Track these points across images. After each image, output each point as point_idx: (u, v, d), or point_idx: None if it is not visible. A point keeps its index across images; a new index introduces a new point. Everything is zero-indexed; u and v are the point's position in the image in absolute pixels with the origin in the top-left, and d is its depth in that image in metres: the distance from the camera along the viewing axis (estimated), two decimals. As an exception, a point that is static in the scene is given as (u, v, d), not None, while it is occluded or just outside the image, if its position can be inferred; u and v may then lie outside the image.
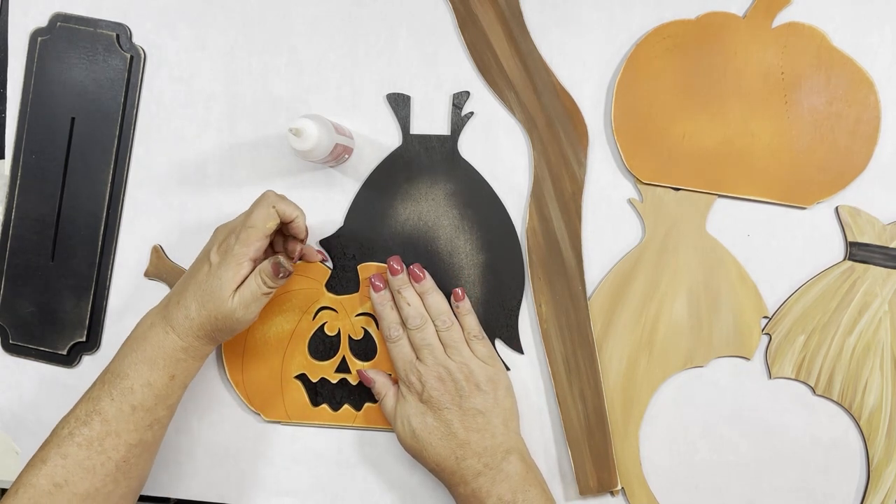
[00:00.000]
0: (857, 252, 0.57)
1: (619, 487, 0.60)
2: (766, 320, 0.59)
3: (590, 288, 0.60)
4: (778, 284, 0.58)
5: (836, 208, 0.57)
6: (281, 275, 0.55)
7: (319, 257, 0.62)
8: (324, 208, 0.63)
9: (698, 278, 0.59)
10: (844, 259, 0.57)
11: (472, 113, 0.60)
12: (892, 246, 0.56)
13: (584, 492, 0.59)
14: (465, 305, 0.60)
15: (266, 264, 0.55)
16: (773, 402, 0.59)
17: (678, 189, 0.59)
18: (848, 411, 0.58)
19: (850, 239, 0.57)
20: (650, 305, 0.59)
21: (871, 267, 0.57)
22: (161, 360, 0.54)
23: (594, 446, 0.59)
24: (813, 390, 0.58)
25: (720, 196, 0.58)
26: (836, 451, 0.58)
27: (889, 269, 0.57)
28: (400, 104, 0.61)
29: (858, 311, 0.57)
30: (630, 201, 0.60)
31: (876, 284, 0.57)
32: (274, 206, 0.55)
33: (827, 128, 0.57)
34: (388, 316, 0.59)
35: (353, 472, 0.63)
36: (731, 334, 0.59)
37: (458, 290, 0.59)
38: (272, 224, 0.55)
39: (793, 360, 0.58)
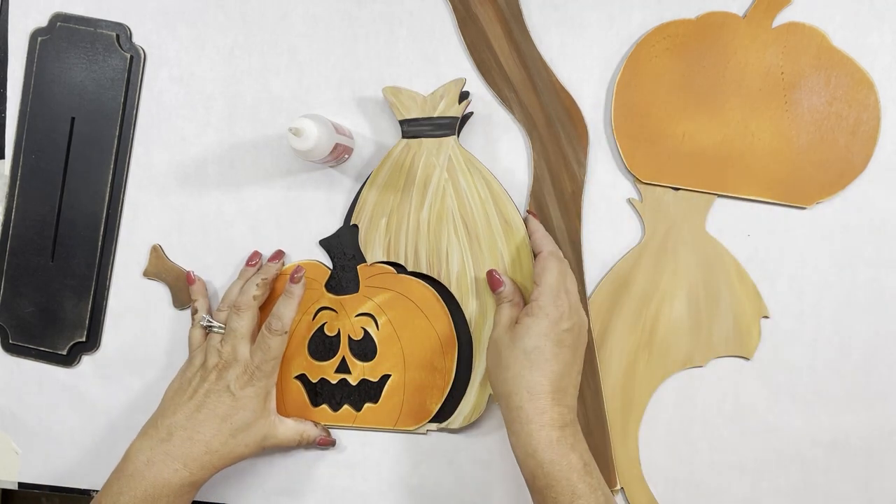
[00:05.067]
0: (408, 129, 0.59)
1: (619, 487, 0.60)
2: (765, 320, 0.59)
3: (589, 288, 0.60)
4: (778, 284, 0.58)
5: (382, 90, 0.60)
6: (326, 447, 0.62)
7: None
8: (324, 208, 0.63)
9: (698, 278, 0.59)
10: (401, 139, 0.60)
11: (471, 113, 0.61)
12: (435, 115, 0.59)
13: (583, 492, 0.59)
14: None
15: (313, 435, 0.61)
16: (773, 402, 0.59)
17: (678, 189, 0.59)
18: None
19: (398, 118, 0.60)
20: (650, 305, 0.59)
21: (424, 140, 0.59)
22: (165, 497, 0.53)
23: (593, 446, 0.59)
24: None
25: (720, 196, 0.58)
26: (836, 451, 0.58)
27: (439, 138, 0.59)
28: None
29: (424, 185, 0.60)
30: (630, 201, 0.60)
31: (431, 155, 0.59)
32: (285, 332, 0.58)
33: (827, 128, 0.57)
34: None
35: (353, 472, 0.63)
36: (731, 334, 0.59)
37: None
38: (285, 345, 0.59)
39: (381, 244, 0.61)
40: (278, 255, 0.62)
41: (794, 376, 0.59)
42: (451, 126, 0.59)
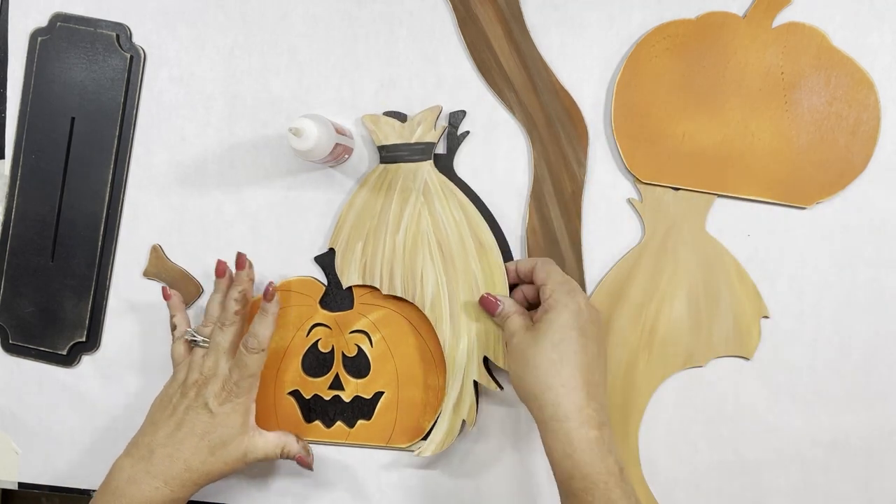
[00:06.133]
0: (386, 154, 0.60)
1: (619, 487, 0.60)
2: (765, 320, 0.59)
3: (589, 288, 0.60)
4: (778, 284, 0.58)
5: (361, 119, 0.61)
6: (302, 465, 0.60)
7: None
8: (324, 208, 0.63)
9: (698, 278, 0.59)
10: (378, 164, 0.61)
11: (467, 132, 0.61)
12: (412, 141, 0.59)
13: (583, 492, 0.59)
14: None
15: (294, 450, 0.59)
16: (773, 402, 0.59)
17: (678, 189, 0.59)
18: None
19: (377, 144, 0.60)
20: (650, 305, 0.59)
21: (402, 164, 0.60)
22: None
23: (594, 446, 0.59)
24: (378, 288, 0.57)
25: (720, 196, 0.58)
26: (836, 451, 0.58)
27: (416, 163, 0.60)
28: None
29: (400, 209, 0.60)
30: (630, 201, 0.60)
31: (408, 179, 0.60)
32: (263, 350, 0.57)
33: (827, 128, 0.57)
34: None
35: (353, 472, 0.63)
36: (731, 334, 0.59)
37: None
38: (263, 363, 0.57)
39: (357, 267, 0.60)
40: (241, 260, 0.61)
41: (794, 376, 0.59)
42: (427, 151, 0.59)
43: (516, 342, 0.53)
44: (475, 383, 0.59)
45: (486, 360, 0.59)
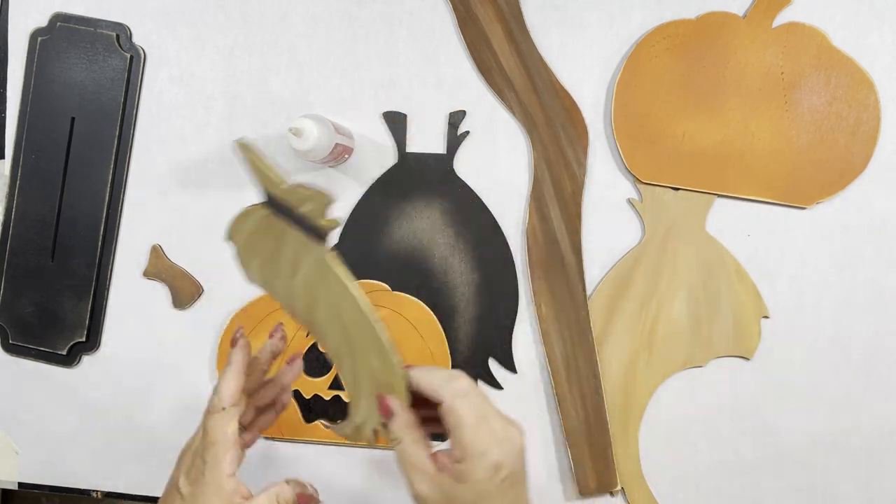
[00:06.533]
0: (272, 205, 0.44)
1: (619, 487, 0.60)
2: (765, 320, 0.59)
3: (589, 288, 0.60)
4: (778, 284, 0.58)
5: (234, 144, 0.48)
6: None
7: (296, 369, 0.53)
8: (324, 208, 0.63)
9: (698, 278, 0.59)
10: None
11: (467, 132, 0.61)
12: (300, 210, 0.43)
13: (583, 492, 0.59)
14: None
15: (289, 494, 0.47)
16: (773, 402, 0.59)
17: (678, 189, 0.59)
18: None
19: (257, 183, 0.44)
20: (650, 305, 0.59)
21: (290, 228, 0.44)
22: None
23: (594, 446, 0.59)
24: None
25: (720, 196, 0.58)
26: (836, 451, 0.58)
27: (305, 236, 0.43)
28: (397, 123, 0.61)
29: (294, 258, 0.45)
30: (630, 201, 0.60)
31: (299, 251, 0.44)
32: (223, 409, 0.46)
33: (827, 128, 0.57)
34: None
35: (353, 472, 0.63)
36: (731, 334, 0.59)
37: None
38: (233, 426, 0.46)
39: (258, 280, 0.46)
40: (233, 340, 0.49)
41: (794, 376, 0.59)
42: (322, 237, 0.43)
43: (422, 492, 0.44)
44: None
45: None
